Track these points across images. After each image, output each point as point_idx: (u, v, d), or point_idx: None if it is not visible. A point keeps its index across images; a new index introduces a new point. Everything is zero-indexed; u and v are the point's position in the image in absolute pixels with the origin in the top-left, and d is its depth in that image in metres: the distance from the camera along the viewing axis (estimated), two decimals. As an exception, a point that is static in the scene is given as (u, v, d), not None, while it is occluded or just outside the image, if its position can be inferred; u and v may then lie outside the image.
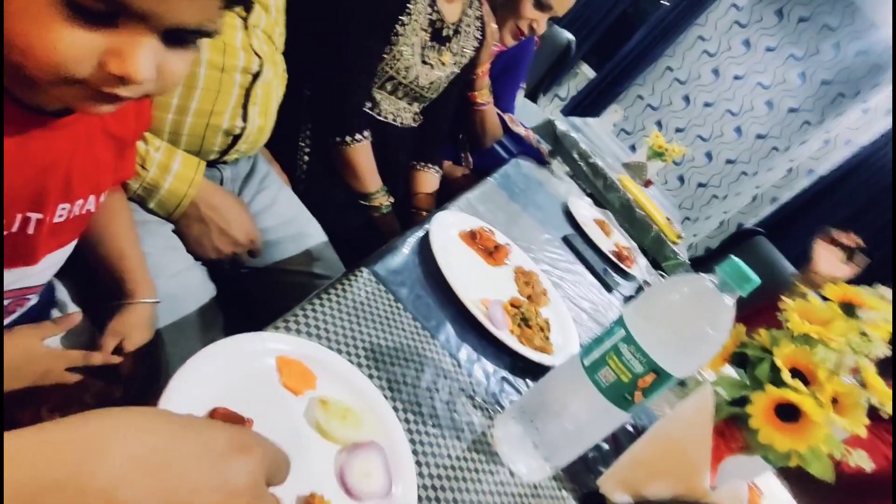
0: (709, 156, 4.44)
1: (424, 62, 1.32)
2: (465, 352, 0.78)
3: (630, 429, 0.93)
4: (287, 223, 1.07)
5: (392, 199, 1.32)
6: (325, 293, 0.68)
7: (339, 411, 0.52)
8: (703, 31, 4.22)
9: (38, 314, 0.63)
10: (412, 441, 0.58)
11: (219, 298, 0.91)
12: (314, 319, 0.63)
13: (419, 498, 0.53)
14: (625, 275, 1.54)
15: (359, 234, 1.26)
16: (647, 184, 2.80)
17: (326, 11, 1.16)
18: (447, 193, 1.50)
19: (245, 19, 0.89)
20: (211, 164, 0.94)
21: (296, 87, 1.06)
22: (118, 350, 0.68)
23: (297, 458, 0.48)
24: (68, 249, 0.60)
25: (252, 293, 1.02)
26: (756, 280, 0.55)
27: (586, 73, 4.58)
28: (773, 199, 4.37)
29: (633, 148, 4.19)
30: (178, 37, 0.41)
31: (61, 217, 0.55)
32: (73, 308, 0.69)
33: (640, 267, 1.64)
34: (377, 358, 0.65)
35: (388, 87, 1.31)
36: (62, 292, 0.69)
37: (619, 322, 0.61)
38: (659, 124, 4.41)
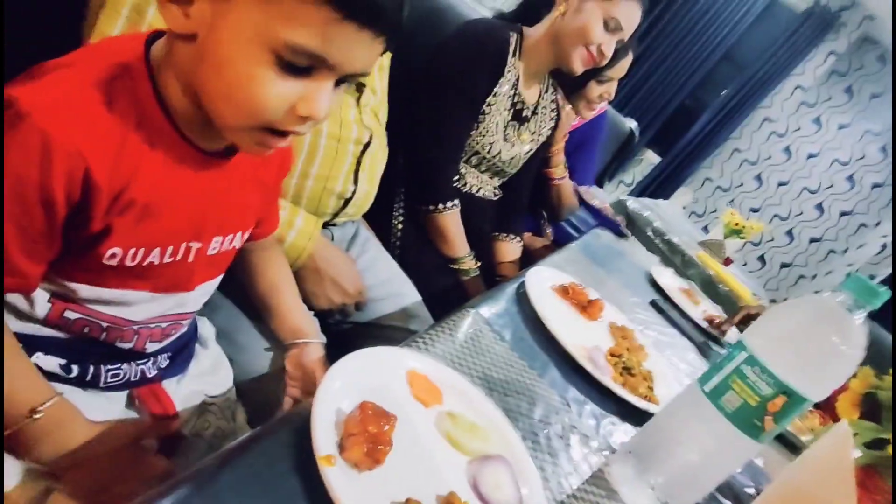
0: (790, 235, 4.28)
1: (506, 139, 1.43)
2: (573, 393, 0.78)
3: (751, 491, 0.86)
4: (385, 283, 1.13)
5: (479, 264, 1.37)
6: (439, 326, 0.71)
7: (467, 425, 0.54)
8: (769, 112, 4.25)
9: (185, 345, 0.70)
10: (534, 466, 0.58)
11: (328, 349, 0.96)
12: (432, 347, 0.66)
13: (547, 520, 0.52)
14: (717, 342, 1.48)
15: (449, 296, 1.31)
16: (727, 262, 2.72)
17: (425, 90, 1.30)
18: (528, 263, 1.54)
19: (357, 99, 1.02)
20: (323, 226, 1.03)
21: (392, 158, 1.17)
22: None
23: (433, 461, 0.50)
24: (216, 282, 0.67)
25: (354, 346, 1.06)
26: (885, 293, 0.54)
27: (651, 158, 4.65)
28: (870, 276, 4.09)
29: (705, 229, 4.13)
30: (344, 80, 0.50)
31: (214, 249, 0.62)
32: (213, 345, 0.75)
33: (733, 335, 1.57)
34: (491, 387, 0.67)
35: (473, 161, 1.42)
36: (207, 329, 0.75)
37: (739, 346, 0.60)
38: (732, 204, 4.34)
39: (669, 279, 1.73)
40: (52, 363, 0.55)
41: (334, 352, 0.98)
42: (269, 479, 0.39)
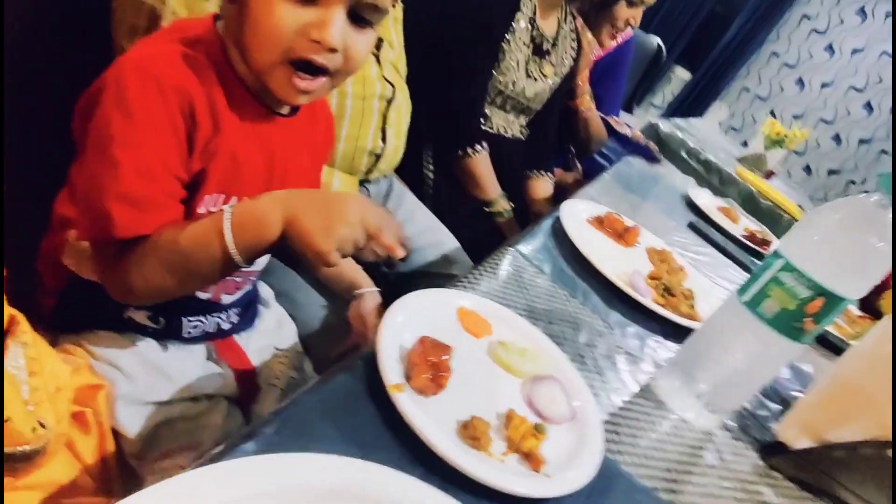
0: (837, 139, 4.08)
1: (528, 75, 1.41)
2: (616, 317, 0.81)
3: (797, 393, 0.89)
4: (424, 232, 1.17)
5: (512, 205, 1.39)
6: (481, 266, 0.75)
7: (517, 350, 0.58)
8: (806, 9, 3.98)
9: (251, 302, 0.75)
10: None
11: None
12: (478, 286, 0.70)
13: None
14: (760, 257, 1.47)
15: (485, 240, 1.34)
16: (769, 175, 2.64)
17: (441, 36, 1.29)
18: (561, 199, 1.55)
19: (377, 55, 1.03)
20: (359, 185, 1.07)
21: (416, 110, 1.19)
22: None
23: (490, 384, 0.55)
24: None
25: (401, 295, 1.12)
26: (922, 186, 0.54)
27: (681, 75, 4.45)
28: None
29: (745, 144, 3.97)
30: (358, 16, 0.53)
31: None
32: (275, 305, 0.81)
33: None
34: (536, 318, 0.71)
35: (498, 101, 1.41)
36: (266, 291, 0.81)
37: (774, 254, 0.62)
38: (772, 114, 4.14)
39: (707, 199, 1.71)
40: (141, 315, 0.62)
41: (385, 302, 1.04)
42: (348, 406, 0.45)
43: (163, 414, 0.59)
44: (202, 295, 0.65)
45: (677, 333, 0.84)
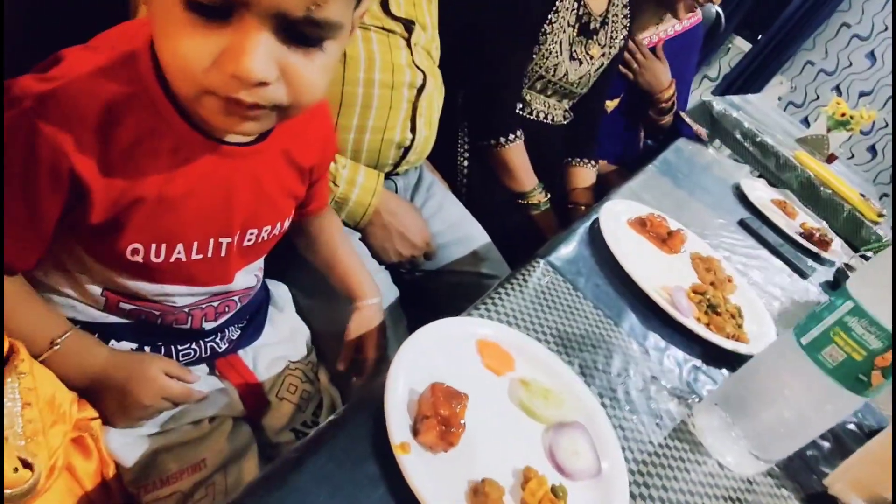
0: (907, 119, 3.76)
1: (573, 58, 1.31)
2: (653, 340, 0.75)
3: (853, 427, 0.81)
4: (453, 226, 1.12)
5: (549, 196, 1.32)
6: (508, 283, 0.70)
7: (541, 392, 0.53)
8: (884, -26, 3.62)
9: (255, 313, 0.72)
10: (612, 425, 0.57)
11: (401, 300, 0.97)
12: (502, 307, 0.65)
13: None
14: (818, 259, 1.36)
15: (519, 234, 1.28)
16: (831, 159, 2.45)
17: (475, 18, 1.21)
18: (604, 190, 1.47)
19: (408, 39, 0.96)
20: (386, 177, 1.02)
21: (450, 97, 1.12)
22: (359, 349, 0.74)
23: (509, 434, 0.50)
24: (260, 262, 0.67)
25: (428, 295, 1.08)
26: None
27: (740, 46, 4.16)
28: None
29: (805, 122, 3.71)
30: (296, 33, 0.39)
31: (250, 241, 0.59)
32: (289, 310, 0.78)
33: (837, 249, 1.43)
34: (565, 343, 0.65)
35: (538, 86, 1.32)
36: (282, 293, 0.78)
37: (843, 293, 0.54)
38: (838, 90, 3.84)
39: (761, 191, 1.59)
40: (126, 347, 0.59)
41: (409, 301, 1.01)
42: (348, 467, 0.41)
43: (161, 441, 0.57)
44: (180, 326, 0.62)
45: (720, 358, 0.78)
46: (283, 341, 0.73)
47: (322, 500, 0.38)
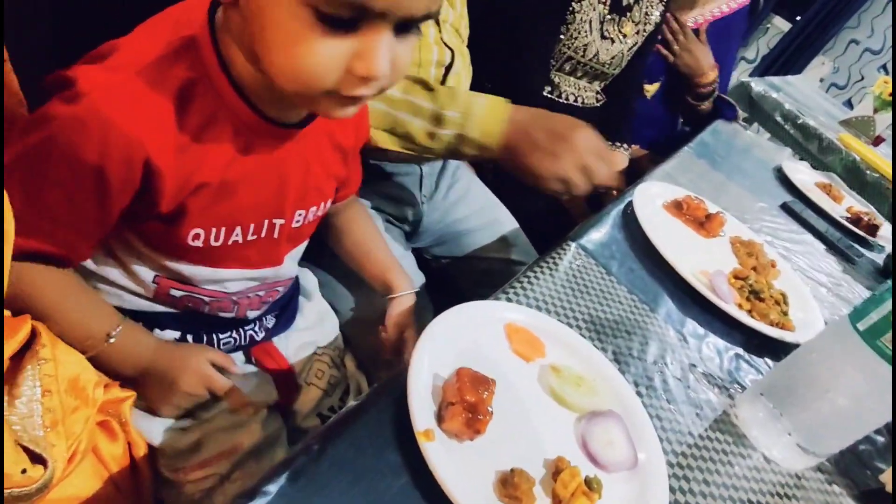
0: (961, 99, 3.55)
1: (604, 37, 1.26)
2: (691, 326, 0.71)
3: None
4: (480, 212, 1.09)
5: (580, 181, 1.28)
6: (538, 266, 0.67)
7: (572, 379, 0.51)
8: (938, -54, 3.41)
9: (287, 303, 0.72)
10: (649, 415, 0.54)
11: (427, 287, 0.95)
12: (531, 291, 0.62)
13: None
14: (866, 244, 1.29)
15: (548, 219, 1.25)
16: (878, 141, 2.33)
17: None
18: (635, 175, 1.41)
19: (436, 17, 0.93)
20: (410, 162, 0.99)
21: (477, 79, 1.08)
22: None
23: (538, 423, 0.47)
24: (303, 247, 0.67)
25: (455, 282, 1.05)
26: None
27: (779, 25, 3.99)
28: None
29: (849, 104, 3.54)
30: (406, 26, 0.42)
31: (298, 223, 0.60)
32: (317, 297, 0.77)
33: (886, 234, 1.35)
34: (598, 329, 0.62)
35: (567, 67, 1.27)
36: (310, 280, 0.77)
37: (906, 276, 0.50)
38: (884, 70, 3.65)
39: (805, 174, 1.52)
40: (170, 336, 0.59)
41: (434, 288, 0.98)
42: (370, 454, 0.39)
43: (201, 430, 0.57)
44: (225, 314, 0.61)
45: (763, 347, 0.73)
46: (311, 327, 0.72)
47: (343, 487, 0.36)
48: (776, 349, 0.73)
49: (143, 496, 0.54)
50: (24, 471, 0.35)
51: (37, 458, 0.40)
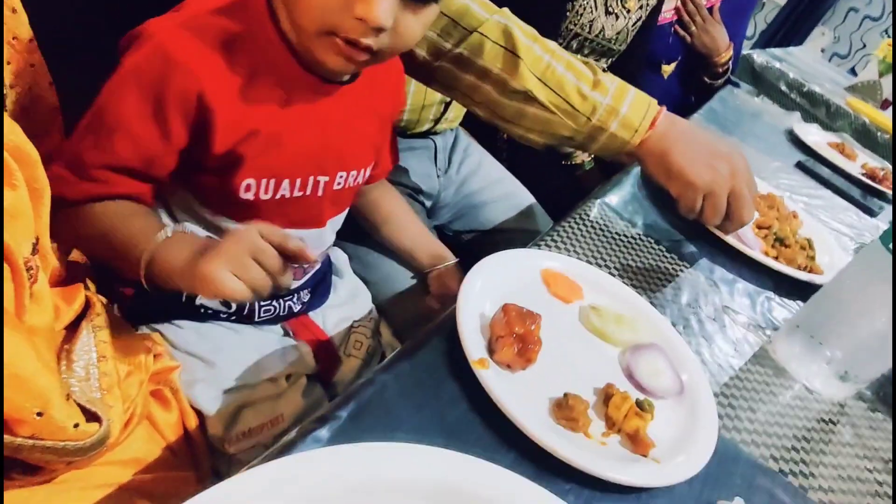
0: (967, 58, 3.52)
1: (609, 12, 1.27)
2: (720, 273, 0.72)
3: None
4: (495, 184, 1.10)
5: (592, 156, 1.29)
6: (566, 220, 0.68)
7: (613, 316, 0.52)
8: None
9: (322, 279, 0.73)
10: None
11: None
12: (562, 243, 0.64)
13: (712, 403, 0.50)
14: (884, 198, 1.28)
15: (564, 197, 1.25)
16: (885, 104, 2.32)
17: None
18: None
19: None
20: (425, 135, 1.01)
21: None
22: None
23: (584, 355, 0.49)
24: (343, 215, 0.69)
25: (477, 257, 1.07)
26: None
27: (775, 0, 3.98)
28: None
29: (853, 72, 3.52)
30: None
31: (339, 185, 0.62)
32: (349, 274, 0.78)
33: (903, 187, 1.35)
34: (630, 276, 0.63)
35: (574, 45, 1.28)
36: (341, 258, 0.79)
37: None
38: (887, 34, 3.63)
39: (816, 135, 1.51)
40: (214, 301, 0.61)
41: (461, 264, 1.00)
42: (431, 385, 0.41)
43: (243, 397, 0.58)
44: None
45: (793, 289, 0.74)
46: (344, 303, 0.74)
47: (409, 412, 0.38)
48: (806, 292, 0.73)
49: (200, 464, 0.56)
50: (76, 425, 0.37)
51: (92, 418, 0.41)
